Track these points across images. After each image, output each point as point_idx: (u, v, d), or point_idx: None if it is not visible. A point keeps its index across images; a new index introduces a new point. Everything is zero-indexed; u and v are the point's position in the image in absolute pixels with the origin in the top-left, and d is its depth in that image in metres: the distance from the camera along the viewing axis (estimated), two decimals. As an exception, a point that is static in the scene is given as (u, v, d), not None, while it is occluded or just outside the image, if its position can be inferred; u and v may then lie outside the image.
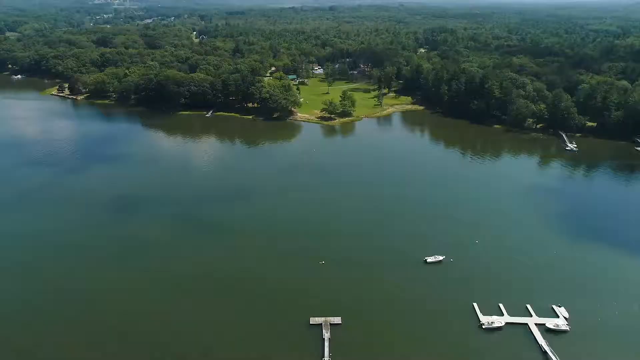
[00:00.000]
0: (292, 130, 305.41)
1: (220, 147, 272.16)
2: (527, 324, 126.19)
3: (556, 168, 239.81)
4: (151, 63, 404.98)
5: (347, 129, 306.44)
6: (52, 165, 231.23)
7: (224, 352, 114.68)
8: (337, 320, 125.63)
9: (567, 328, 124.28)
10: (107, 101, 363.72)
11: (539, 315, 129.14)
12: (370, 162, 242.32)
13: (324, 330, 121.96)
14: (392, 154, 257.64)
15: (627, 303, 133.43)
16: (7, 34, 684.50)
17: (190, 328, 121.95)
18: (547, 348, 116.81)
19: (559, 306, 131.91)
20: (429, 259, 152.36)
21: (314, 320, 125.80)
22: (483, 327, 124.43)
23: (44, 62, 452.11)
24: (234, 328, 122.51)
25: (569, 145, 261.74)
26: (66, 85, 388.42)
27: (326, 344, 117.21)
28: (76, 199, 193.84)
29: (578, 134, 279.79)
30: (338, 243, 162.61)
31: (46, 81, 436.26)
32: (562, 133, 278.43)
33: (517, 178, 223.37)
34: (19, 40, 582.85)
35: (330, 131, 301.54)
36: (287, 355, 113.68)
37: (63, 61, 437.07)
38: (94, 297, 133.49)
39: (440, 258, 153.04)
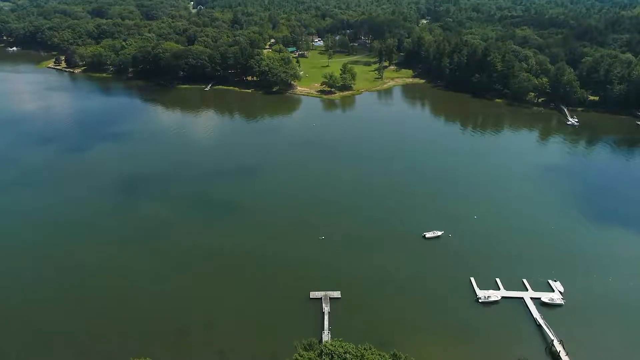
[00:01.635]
0: (292, 104, 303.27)
1: (220, 122, 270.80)
2: (522, 298, 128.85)
3: (556, 143, 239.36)
4: (148, 35, 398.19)
5: (347, 103, 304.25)
6: (55, 143, 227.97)
7: (225, 326, 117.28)
8: (336, 294, 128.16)
9: (562, 302, 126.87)
10: (104, 74, 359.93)
11: (534, 289, 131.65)
12: (370, 136, 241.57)
13: (323, 304, 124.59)
14: (392, 128, 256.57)
15: (623, 279, 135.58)
16: (0, 4, 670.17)
17: (192, 303, 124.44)
18: (541, 321, 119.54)
19: (555, 281, 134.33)
20: (428, 234, 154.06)
21: (313, 294, 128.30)
22: (479, 301, 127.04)
23: (39, 33, 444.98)
24: (235, 302, 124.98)
25: (570, 119, 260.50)
26: (63, 57, 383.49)
27: (326, 317, 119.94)
28: (81, 177, 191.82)
29: (580, 108, 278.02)
30: (338, 218, 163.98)
31: (42, 53, 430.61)
32: (563, 107, 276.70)
33: (517, 153, 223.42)
34: (12, 10, 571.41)
35: (330, 105, 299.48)
36: (287, 328, 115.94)
37: (59, 33, 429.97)
38: (97, 273, 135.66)
39: (439, 233, 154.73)
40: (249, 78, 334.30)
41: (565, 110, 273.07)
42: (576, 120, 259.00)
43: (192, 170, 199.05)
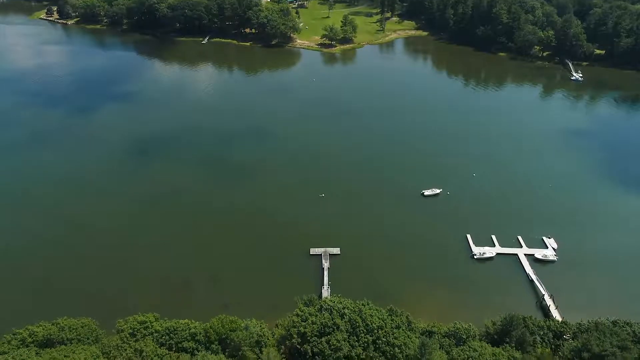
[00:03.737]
0: (292, 57, 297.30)
1: (219, 77, 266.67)
2: (517, 254, 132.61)
3: (559, 99, 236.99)
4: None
5: (348, 57, 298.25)
6: (58, 104, 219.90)
7: (228, 281, 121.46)
8: (336, 250, 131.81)
9: (555, 258, 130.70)
10: (98, 26, 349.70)
11: (529, 246, 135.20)
12: (370, 92, 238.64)
13: (323, 260, 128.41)
14: (393, 83, 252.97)
15: (616, 235, 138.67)
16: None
17: (195, 259, 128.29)
18: (533, 277, 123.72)
19: (549, 237, 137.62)
20: (427, 192, 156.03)
21: (314, 250, 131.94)
22: (475, 257, 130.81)
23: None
24: (238, 258, 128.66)
25: (575, 74, 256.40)
26: (55, 8, 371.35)
27: (325, 273, 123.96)
28: (90, 140, 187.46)
29: (585, 63, 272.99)
30: (337, 176, 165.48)
31: (33, 4, 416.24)
32: (568, 61, 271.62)
33: (519, 110, 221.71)
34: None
35: (331, 59, 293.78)
36: (288, 283, 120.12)
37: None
38: (105, 229, 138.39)
39: (438, 191, 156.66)
40: (247, 30, 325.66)
41: (570, 64, 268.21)
42: (580, 75, 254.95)
43: (191, 129, 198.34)
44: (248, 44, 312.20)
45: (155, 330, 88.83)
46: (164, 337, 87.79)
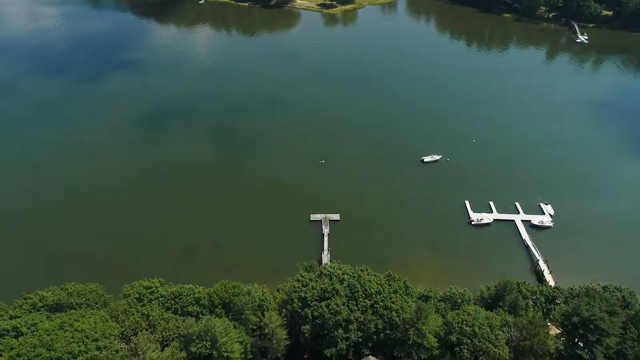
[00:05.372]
0: (291, 19, 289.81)
1: (218, 41, 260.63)
2: (514, 220, 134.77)
3: (562, 62, 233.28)
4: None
5: (349, 18, 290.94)
6: (60, 73, 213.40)
7: (231, 246, 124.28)
8: (335, 216, 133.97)
9: (551, 224, 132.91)
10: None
11: (526, 212, 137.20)
12: (371, 54, 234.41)
13: (323, 226, 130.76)
14: (395, 46, 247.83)
15: (613, 201, 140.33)
16: None
17: (198, 225, 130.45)
18: (529, 242, 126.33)
19: (546, 204, 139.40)
20: (426, 159, 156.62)
21: (314, 216, 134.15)
22: (472, 223, 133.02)
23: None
24: (239, 225, 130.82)
25: (580, 37, 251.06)
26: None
27: (325, 238, 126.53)
28: (96, 110, 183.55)
29: (591, 25, 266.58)
30: (337, 142, 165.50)
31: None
32: (574, 23, 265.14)
33: (521, 73, 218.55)
34: None
35: (331, 20, 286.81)
36: (289, 249, 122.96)
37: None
38: (111, 198, 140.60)
39: (437, 157, 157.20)
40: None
41: (576, 26, 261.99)
42: (585, 37, 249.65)
43: (190, 96, 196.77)
44: (246, 4, 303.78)
45: (161, 295, 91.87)
46: (169, 302, 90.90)
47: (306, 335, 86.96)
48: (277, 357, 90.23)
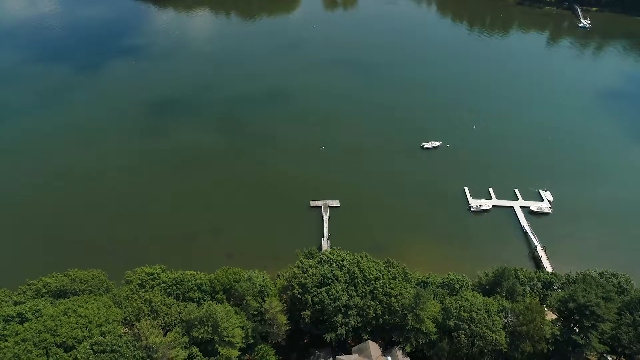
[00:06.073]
0: (291, 2, 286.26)
1: (217, 25, 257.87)
2: (512, 207, 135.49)
3: (564, 47, 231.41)
4: None
5: (349, 2, 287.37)
6: (62, 60, 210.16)
7: (232, 233, 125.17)
8: (335, 203, 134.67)
9: (550, 211, 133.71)
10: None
11: (525, 198, 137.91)
12: (371, 39, 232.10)
13: (323, 213, 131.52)
14: (395, 29, 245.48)
15: (612, 188, 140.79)
16: None
17: (199, 212, 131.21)
18: (527, 229, 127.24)
19: (545, 190, 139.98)
20: (426, 145, 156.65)
21: (314, 203, 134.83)
22: (471, 210, 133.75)
23: None
24: (240, 212, 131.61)
25: (583, 21, 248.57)
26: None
27: (325, 225, 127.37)
28: (100, 99, 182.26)
29: (594, 8, 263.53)
30: (337, 128, 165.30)
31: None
32: (577, 7, 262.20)
33: (523, 59, 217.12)
34: None
35: (331, 3, 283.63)
36: (289, 235, 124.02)
37: None
38: (115, 184, 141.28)
39: (437, 144, 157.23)
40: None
41: (579, 10, 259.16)
42: (588, 22, 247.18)
43: (195, 85, 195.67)
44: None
45: (163, 281, 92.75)
46: (171, 288, 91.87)
47: (306, 320, 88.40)
48: (278, 342, 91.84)
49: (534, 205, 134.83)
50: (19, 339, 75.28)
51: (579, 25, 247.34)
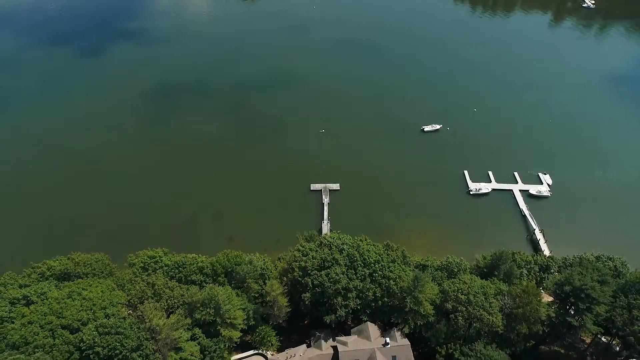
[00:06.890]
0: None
1: (217, 4, 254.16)
2: (512, 190, 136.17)
3: (567, 29, 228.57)
4: None
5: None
6: (64, 45, 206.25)
7: (232, 216, 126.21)
8: (335, 186, 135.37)
9: (549, 194, 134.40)
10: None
11: (524, 182, 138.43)
12: (372, 20, 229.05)
13: (323, 196, 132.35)
14: (396, 9, 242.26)
15: (611, 171, 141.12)
16: None
17: (200, 196, 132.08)
18: (526, 212, 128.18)
19: (545, 173, 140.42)
20: (426, 128, 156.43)
21: (314, 186, 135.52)
22: (470, 193, 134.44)
23: None
24: (240, 195, 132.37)
25: (586, 1, 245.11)
26: None
27: (325, 208, 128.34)
28: (103, 84, 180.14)
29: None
30: (337, 111, 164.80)
31: None
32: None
33: (526, 40, 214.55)
34: None
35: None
36: (290, 218, 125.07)
37: None
38: (118, 170, 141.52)
39: (438, 127, 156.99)
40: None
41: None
42: (592, 2, 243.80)
43: (194, 67, 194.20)
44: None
45: (165, 264, 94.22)
46: (173, 271, 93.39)
47: (306, 302, 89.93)
48: (279, 323, 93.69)
49: (533, 189, 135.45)
50: (25, 321, 76.93)
51: (583, 5, 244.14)
